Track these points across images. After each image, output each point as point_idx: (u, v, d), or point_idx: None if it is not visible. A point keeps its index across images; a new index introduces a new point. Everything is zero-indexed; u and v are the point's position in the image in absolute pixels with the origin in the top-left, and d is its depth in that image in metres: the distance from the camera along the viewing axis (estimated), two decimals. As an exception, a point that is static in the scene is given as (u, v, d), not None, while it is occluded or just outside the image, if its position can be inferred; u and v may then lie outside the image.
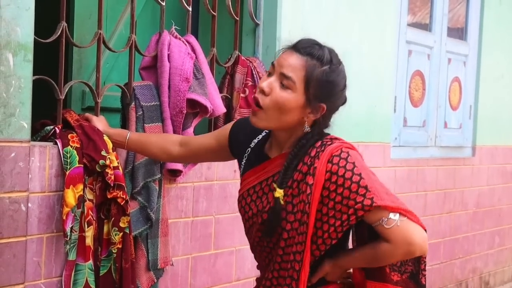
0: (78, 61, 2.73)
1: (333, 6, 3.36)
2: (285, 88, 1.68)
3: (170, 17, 2.58)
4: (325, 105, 1.71)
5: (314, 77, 1.67)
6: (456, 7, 4.61)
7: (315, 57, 1.68)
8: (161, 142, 2.15)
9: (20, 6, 1.95)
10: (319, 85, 1.68)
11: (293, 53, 1.69)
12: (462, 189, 4.56)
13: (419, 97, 4.22)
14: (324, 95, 1.70)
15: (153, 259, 2.42)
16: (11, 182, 1.95)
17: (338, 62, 1.74)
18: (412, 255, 1.69)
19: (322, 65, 1.69)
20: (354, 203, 1.63)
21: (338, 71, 1.73)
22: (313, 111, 1.70)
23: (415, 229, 1.66)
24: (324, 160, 1.66)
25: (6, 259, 1.96)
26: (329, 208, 1.65)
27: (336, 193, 1.64)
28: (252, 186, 1.79)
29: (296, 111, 1.69)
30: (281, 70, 1.68)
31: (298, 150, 1.70)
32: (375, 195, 1.63)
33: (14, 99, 1.94)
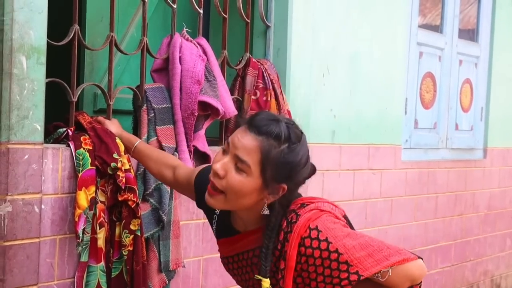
0: (90, 64, 2.74)
1: (344, 8, 3.36)
2: (240, 172, 1.57)
3: (182, 20, 2.59)
4: (285, 185, 1.61)
5: (271, 160, 1.56)
6: (467, 8, 4.59)
7: (272, 136, 1.56)
8: (159, 163, 2.08)
9: (33, 9, 1.96)
10: (276, 168, 1.57)
11: (248, 133, 1.58)
12: (474, 191, 4.54)
13: (430, 99, 4.21)
14: (283, 177, 1.59)
15: (164, 261, 2.43)
16: (25, 184, 1.97)
17: (298, 138, 1.61)
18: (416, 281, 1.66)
19: (280, 145, 1.57)
20: (339, 280, 1.58)
21: (297, 149, 1.60)
22: (272, 192, 1.61)
23: (408, 267, 1.62)
24: (294, 244, 1.59)
25: (20, 260, 1.97)
26: (312, 287, 1.61)
27: (316, 273, 1.60)
28: (231, 256, 1.76)
29: (254, 194, 1.59)
30: (235, 152, 1.58)
31: (268, 241, 1.62)
32: (359, 267, 1.57)
33: (27, 102, 1.96)
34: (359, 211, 3.55)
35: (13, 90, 1.92)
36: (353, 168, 3.47)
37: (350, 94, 3.44)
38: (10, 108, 1.91)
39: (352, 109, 3.44)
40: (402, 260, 1.61)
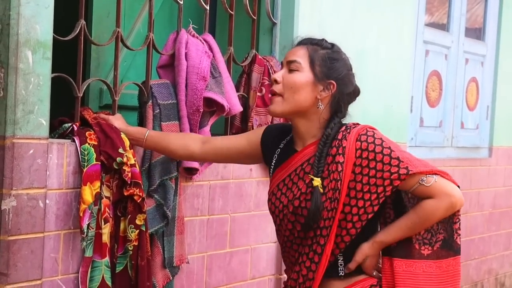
0: (96, 59, 2.74)
1: (351, 5, 3.35)
2: (292, 71, 1.83)
3: (188, 16, 2.58)
4: (334, 82, 1.82)
5: (317, 56, 1.83)
6: (474, 7, 4.57)
7: (314, 43, 1.86)
8: (181, 140, 2.16)
9: (39, 4, 1.96)
10: (322, 62, 1.82)
11: (295, 47, 1.88)
12: (478, 190, 4.52)
13: (436, 97, 4.20)
14: (331, 72, 1.82)
15: (168, 257, 2.43)
16: (29, 178, 1.97)
17: (339, 49, 1.89)
18: (454, 207, 1.79)
19: (323, 48, 1.85)
20: (389, 174, 1.74)
21: (339, 52, 1.87)
22: (324, 89, 1.82)
23: (451, 184, 1.80)
24: (353, 140, 1.76)
25: (24, 255, 1.97)
26: (364, 183, 1.74)
27: (369, 168, 1.74)
28: (282, 179, 1.86)
29: (307, 88, 1.81)
30: (287, 59, 1.86)
31: (326, 138, 1.80)
32: (408, 164, 1.74)
33: (33, 97, 1.96)
34: (364, 209, 3.54)
35: (19, 85, 1.92)
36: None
37: (356, 91, 3.42)
38: (15, 103, 1.91)
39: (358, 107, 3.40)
40: (447, 175, 1.81)
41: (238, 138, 2.09)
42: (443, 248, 1.80)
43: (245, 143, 2.03)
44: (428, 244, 1.79)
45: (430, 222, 1.78)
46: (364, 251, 1.78)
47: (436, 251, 1.79)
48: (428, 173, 1.75)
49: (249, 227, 2.83)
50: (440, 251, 1.80)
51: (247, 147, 2.02)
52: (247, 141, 2.03)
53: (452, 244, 1.81)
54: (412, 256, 1.78)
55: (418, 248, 1.78)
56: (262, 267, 2.91)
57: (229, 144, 2.07)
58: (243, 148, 2.03)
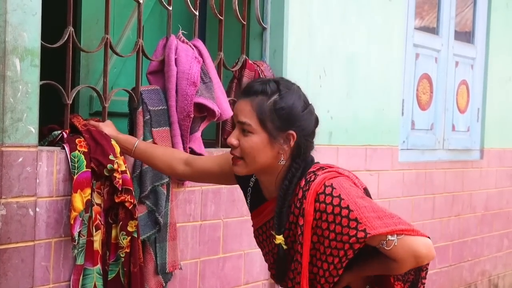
0: (86, 66, 2.73)
1: (341, 10, 3.35)
2: (247, 134, 1.72)
3: (177, 22, 2.58)
4: (292, 132, 1.71)
5: (265, 111, 1.69)
6: (463, 11, 4.60)
7: (259, 93, 1.71)
8: (167, 158, 2.13)
9: (26, 11, 1.95)
10: (273, 116, 1.69)
11: (241, 100, 1.74)
12: (471, 192, 4.54)
13: (426, 100, 4.21)
14: (285, 123, 1.70)
15: (161, 263, 2.42)
16: (19, 187, 1.96)
17: (287, 87, 1.73)
18: (421, 263, 1.70)
19: (270, 97, 1.70)
20: (348, 237, 1.64)
21: (288, 96, 1.71)
22: (285, 142, 1.71)
23: (415, 241, 1.65)
24: (311, 200, 1.67)
25: (14, 264, 1.96)
26: (325, 246, 1.68)
27: (329, 230, 1.66)
28: (259, 226, 1.86)
29: (266, 148, 1.71)
30: (237, 119, 1.74)
31: (284, 193, 1.72)
32: (367, 225, 1.63)
33: (21, 104, 1.95)
34: (356, 212, 3.54)
35: (7, 93, 1.91)
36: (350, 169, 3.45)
37: (347, 95, 3.44)
38: (3, 111, 1.90)
39: (349, 110, 3.44)
40: (411, 230, 1.66)
41: (213, 161, 2.04)
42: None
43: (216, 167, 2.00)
44: (401, 281, 1.78)
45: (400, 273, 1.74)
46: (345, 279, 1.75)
47: None
48: (388, 233, 1.63)
49: (242, 232, 2.82)
50: None
51: (218, 171, 1.99)
52: (219, 164, 1.99)
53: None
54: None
55: (393, 282, 1.77)
56: (255, 272, 2.90)
57: (207, 167, 2.04)
58: (216, 171, 2.00)
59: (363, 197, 1.69)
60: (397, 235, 1.64)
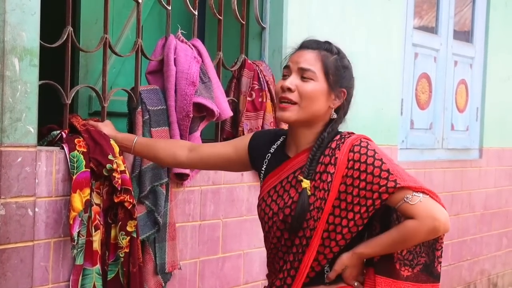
0: (85, 66, 2.73)
1: (340, 9, 3.35)
2: (307, 80, 1.80)
3: (176, 21, 2.58)
4: (345, 90, 1.84)
5: (330, 65, 1.82)
6: (462, 10, 4.60)
7: (324, 49, 1.83)
8: (169, 147, 2.15)
9: (25, 11, 1.95)
10: (336, 72, 1.82)
11: (304, 51, 1.84)
12: (470, 191, 4.54)
13: (425, 100, 4.21)
14: (343, 80, 1.84)
15: (160, 263, 2.42)
16: (18, 187, 1.96)
17: (344, 53, 1.90)
18: (437, 231, 1.75)
19: (333, 55, 1.84)
20: (378, 187, 1.72)
21: (346, 58, 1.88)
22: (336, 97, 1.83)
23: (437, 206, 1.74)
24: (346, 150, 1.75)
25: (14, 264, 1.96)
26: (354, 195, 1.73)
27: (359, 179, 1.73)
28: (273, 186, 1.85)
29: (323, 98, 1.81)
30: (298, 66, 1.81)
31: (320, 142, 1.80)
32: (398, 177, 1.72)
33: (20, 104, 1.94)
34: (356, 212, 3.54)
35: (6, 93, 1.90)
36: (349, 169, 3.46)
37: (346, 95, 3.43)
38: (2, 111, 1.90)
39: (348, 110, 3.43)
40: (436, 196, 1.76)
41: (225, 145, 2.07)
42: (423, 272, 1.78)
43: (232, 150, 2.01)
44: (409, 266, 1.77)
45: (411, 243, 1.75)
46: (343, 261, 1.77)
47: (416, 274, 1.77)
48: (415, 189, 1.72)
49: (241, 232, 2.82)
50: (420, 274, 1.77)
51: (234, 154, 2.00)
52: (234, 148, 2.01)
53: (432, 270, 1.78)
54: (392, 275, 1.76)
55: (399, 268, 1.76)
56: (255, 272, 2.90)
57: (216, 152, 2.06)
58: (230, 155, 2.01)
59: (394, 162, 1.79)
60: (423, 193, 1.72)
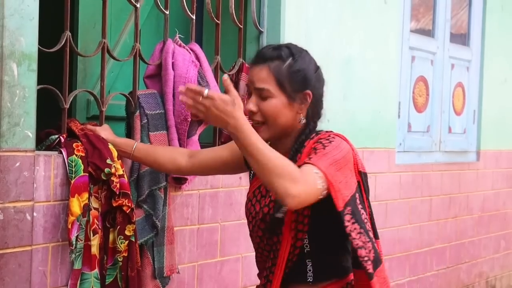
0: (83, 70, 2.73)
1: (337, 13, 3.36)
2: (266, 99, 1.78)
3: (174, 26, 2.59)
4: (308, 91, 1.80)
5: (284, 76, 1.77)
6: (458, 13, 4.61)
7: (275, 58, 1.78)
8: (169, 154, 2.17)
9: (24, 16, 1.95)
10: (291, 78, 1.77)
11: (255, 68, 1.80)
12: (467, 193, 4.55)
13: (423, 103, 4.22)
14: (301, 84, 1.79)
15: (159, 267, 2.42)
16: (16, 191, 1.96)
17: (299, 51, 1.82)
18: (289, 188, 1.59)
19: (285, 61, 1.78)
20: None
21: (301, 59, 1.81)
22: (302, 102, 1.80)
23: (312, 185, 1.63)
24: (312, 142, 1.77)
25: (12, 268, 1.96)
26: None
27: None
28: (258, 186, 1.87)
29: (286, 110, 1.78)
30: (254, 86, 1.80)
31: (295, 150, 1.80)
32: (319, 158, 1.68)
33: (18, 109, 1.95)
34: (354, 215, 3.55)
35: (4, 97, 1.91)
36: (347, 172, 3.47)
37: (344, 98, 3.44)
38: (1, 116, 1.90)
39: (345, 113, 3.44)
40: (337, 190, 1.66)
41: (222, 149, 2.10)
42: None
43: (228, 153, 2.03)
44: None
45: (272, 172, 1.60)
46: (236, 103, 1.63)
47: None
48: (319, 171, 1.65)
49: (239, 235, 2.82)
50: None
51: (231, 156, 2.02)
52: (230, 150, 2.03)
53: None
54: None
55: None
56: (253, 276, 2.90)
57: (214, 156, 2.08)
58: (227, 158, 2.04)
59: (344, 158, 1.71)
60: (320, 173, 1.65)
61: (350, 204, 1.70)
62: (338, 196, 1.67)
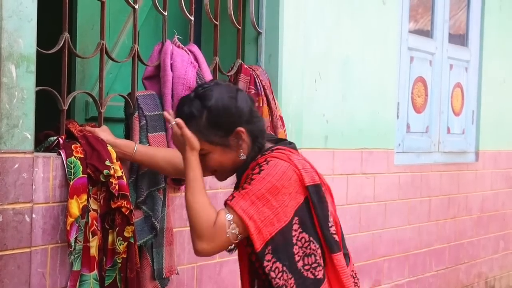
0: (81, 72, 2.73)
1: (335, 13, 3.37)
2: (204, 155, 1.79)
3: (173, 27, 2.59)
4: (238, 129, 1.77)
5: (206, 131, 1.76)
6: (457, 14, 4.62)
7: (190, 117, 1.76)
8: (169, 156, 2.18)
9: (22, 18, 1.95)
10: (214, 130, 1.76)
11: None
12: (466, 194, 4.55)
13: (421, 103, 4.22)
14: (226, 128, 1.77)
15: (158, 268, 2.42)
16: (15, 193, 1.95)
17: (209, 97, 1.76)
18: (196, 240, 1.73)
19: (201, 115, 1.75)
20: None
21: (214, 106, 1.75)
22: (237, 141, 1.79)
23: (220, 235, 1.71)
24: (254, 164, 1.78)
25: (11, 270, 1.95)
26: None
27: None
28: None
29: (226, 155, 1.80)
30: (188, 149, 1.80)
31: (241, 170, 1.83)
32: (237, 196, 1.73)
33: (17, 111, 1.95)
34: (353, 215, 3.55)
35: (3, 99, 1.91)
36: (346, 173, 3.48)
37: (342, 99, 3.44)
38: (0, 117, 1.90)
39: (344, 114, 3.45)
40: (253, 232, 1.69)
41: None
42: None
43: None
44: None
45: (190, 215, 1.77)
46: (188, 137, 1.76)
47: None
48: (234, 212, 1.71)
49: (238, 236, 2.82)
50: None
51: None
52: None
53: None
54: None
55: None
56: (252, 277, 2.90)
57: None
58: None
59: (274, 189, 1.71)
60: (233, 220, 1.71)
61: (274, 241, 1.70)
62: (256, 237, 1.69)
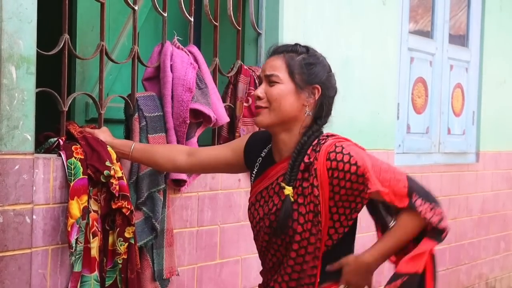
0: (81, 73, 2.74)
1: (335, 14, 3.37)
2: (273, 84, 1.83)
3: (172, 28, 2.59)
4: (318, 86, 1.83)
5: (295, 64, 1.82)
6: (457, 14, 4.62)
7: (289, 50, 1.85)
8: (167, 152, 2.17)
9: (22, 19, 1.96)
10: (302, 70, 1.82)
11: (270, 58, 1.87)
12: (467, 195, 4.55)
13: (422, 104, 4.22)
14: (311, 77, 1.83)
15: (158, 269, 2.42)
16: (16, 194, 1.96)
17: (314, 51, 1.89)
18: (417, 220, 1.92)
19: (299, 54, 1.84)
20: (358, 192, 1.79)
21: (316, 55, 1.87)
22: (309, 95, 1.83)
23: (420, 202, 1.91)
24: (323, 160, 1.78)
25: (11, 271, 1.96)
26: (336, 201, 1.79)
27: (339, 186, 1.78)
28: (260, 191, 1.89)
29: (291, 97, 1.82)
30: (264, 73, 1.86)
31: (300, 147, 1.82)
32: (370, 180, 1.77)
33: (17, 112, 1.95)
34: (353, 216, 3.55)
35: (3, 101, 1.91)
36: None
37: (343, 100, 3.44)
38: (0, 119, 1.90)
39: (344, 115, 3.45)
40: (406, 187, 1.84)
41: (223, 148, 2.11)
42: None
43: (229, 152, 2.05)
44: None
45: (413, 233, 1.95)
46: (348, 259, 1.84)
47: None
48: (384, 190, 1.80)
49: (239, 237, 2.82)
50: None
51: (232, 156, 2.04)
52: (232, 150, 2.05)
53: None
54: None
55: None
56: (252, 278, 2.90)
57: (214, 155, 2.09)
58: (228, 157, 2.05)
59: (371, 157, 1.81)
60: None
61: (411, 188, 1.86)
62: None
